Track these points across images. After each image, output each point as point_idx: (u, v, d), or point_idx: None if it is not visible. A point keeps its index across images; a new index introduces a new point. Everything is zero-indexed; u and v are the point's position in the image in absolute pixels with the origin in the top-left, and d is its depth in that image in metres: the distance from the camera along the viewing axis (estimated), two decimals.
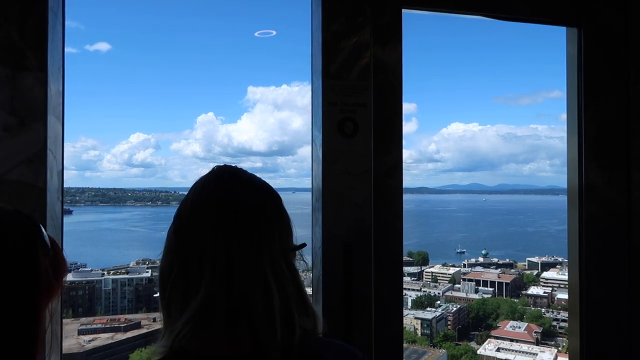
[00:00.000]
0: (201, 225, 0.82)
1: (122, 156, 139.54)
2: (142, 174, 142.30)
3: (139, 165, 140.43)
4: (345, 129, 1.49)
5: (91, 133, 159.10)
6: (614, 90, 1.81)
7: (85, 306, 31.97)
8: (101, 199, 50.94)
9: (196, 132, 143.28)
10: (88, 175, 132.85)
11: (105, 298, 32.58)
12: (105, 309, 32.06)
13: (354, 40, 1.53)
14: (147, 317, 30.35)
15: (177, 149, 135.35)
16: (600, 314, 1.75)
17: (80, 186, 52.31)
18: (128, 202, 54.63)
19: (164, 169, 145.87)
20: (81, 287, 31.87)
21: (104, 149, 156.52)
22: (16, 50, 1.25)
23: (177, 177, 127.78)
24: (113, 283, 32.70)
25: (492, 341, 30.10)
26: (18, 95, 1.25)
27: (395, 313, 1.56)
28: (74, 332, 27.35)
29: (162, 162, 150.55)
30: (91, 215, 50.22)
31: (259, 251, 0.80)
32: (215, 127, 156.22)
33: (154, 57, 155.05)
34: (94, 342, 27.46)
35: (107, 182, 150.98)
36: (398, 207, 1.58)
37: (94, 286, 32.55)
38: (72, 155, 67.08)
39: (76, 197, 42.78)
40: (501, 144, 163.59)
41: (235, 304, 0.77)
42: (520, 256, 39.72)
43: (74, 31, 46.24)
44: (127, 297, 32.75)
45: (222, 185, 0.86)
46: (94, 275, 33.33)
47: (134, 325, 28.95)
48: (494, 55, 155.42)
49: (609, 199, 1.78)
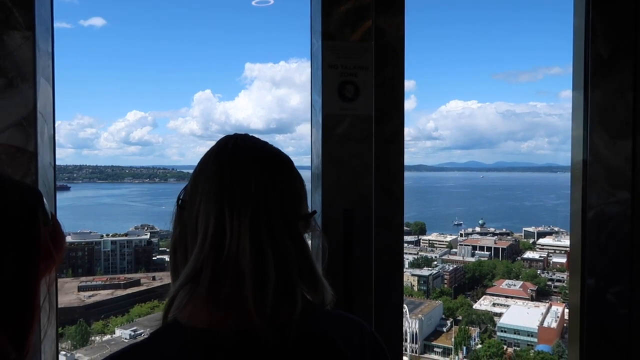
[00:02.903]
0: (198, 195, 0.80)
1: (119, 134, 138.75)
2: (140, 152, 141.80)
3: (137, 143, 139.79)
4: (346, 93, 1.44)
5: (87, 110, 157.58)
6: (622, 55, 1.76)
7: (84, 267, 32.16)
8: (99, 176, 50.98)
9: (193, 110, 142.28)
10: (85, 154, 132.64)
11: (105, 259, 32.72)
12: (105, 270, 32.27)
13: (354, 0, 1.47)
14: (146, 276, 30.65)
15: (174, 127, 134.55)
16: (601, 273, 1.74)
17: (77, 164, 52.14)
18: (126, 178, 54.75)
19: (161, 147, 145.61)
20: (80, 248, 31.99)
21: (101, 127, 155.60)
22: (1, 7, 1.20)
23: (175, 155, 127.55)
24: (112, 245, 32.79)
25: (488, 297, 30.57)
26: (4, 55, 1.20)
27: (395, 282, 1.54)
28: (74, 289, 27.66)
29: (160, 140, 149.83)
30: (89, 192, 50.40)
31: (255, 218, 0.77)
32: (213, 104, 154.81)
33: (149, 33, 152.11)
34: (94, 297, 27.86)
35: (104, 160, 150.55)
36: (399, 174, 1.55)
37: (93, 247, 32.65)
38: (68, 133, 66.21)
39: (74, 174, 42.69)
40: (500, 122, 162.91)
41: (223, 268, 0.74)
42: (517, 228, 40.04)
43: (67, 5, 45.09)
44: (126, 259, 32.91)
45: (223, 154, 0.83)
46: (93, 237, 33.42)
47: (133, 282, 29.27)
48: (494, 30, 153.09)
49: (614, 167, 1.75)
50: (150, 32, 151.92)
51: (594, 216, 1.74)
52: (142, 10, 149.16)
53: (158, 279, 31.13)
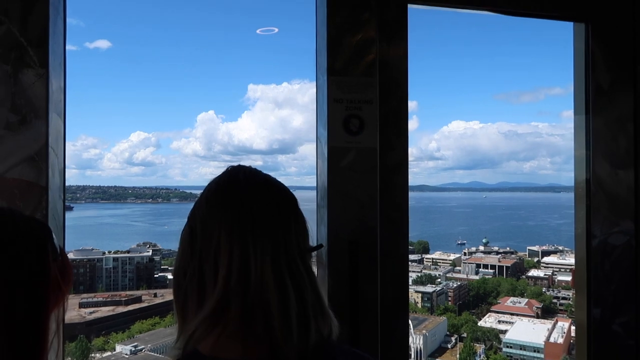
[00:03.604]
0: (216, 226, 0.80)
1: (122, 155, 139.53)
2: (143, 173, 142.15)
3: (140, 163, 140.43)
4: (351, 126, 1.47)
5: (92, 131, 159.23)
6: (621, 86, 1.79)
7: (86, 284, 31.89)
8: (102, 196, 51.07)
9: (196, 131, 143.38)
10: (89, 174, 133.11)
11: (106, 276, 32.45)
12: (106, 287, 32.00)
13: (359, 36, 1.51)
14: (148, 293, 30.42)
15: (177, 148, 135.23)
16: (606, 303, 1.73)
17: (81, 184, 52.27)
18: (129, 199, 54.77)
19: (164, 168, 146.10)
20: (82, 264, 31.77)
21: (105, 148, 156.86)
22: (18, 46, 1.23)
23: (178, 176, 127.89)
24: (114, 261, 32.54)
25: (493, 315, 30.15)
26: (19, 92, 1.23)
27: (401, 314, 1.54)
28: (75, 306, 27.48)
29: (163, 160, 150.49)
30: (92, 211, 50.32)
31: (276, 251, 0.79)
32: (216, 125, 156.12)
33: (154, 55, 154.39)
34: (95, 314, 27.64)
35: (107, 180, 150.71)
36: (404, 205, 1.56)
37: (95, 264, 32.42)
38: (72, 154, 66.77)
39: (77, 195, 42.86)
40: (502, 142, 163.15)
41: (251, 303, 0.75)
42: (521, 247, 39.67)
43: (74, 28, 45.89)
44: (127, 276, 32.63)
45: (237, 185, 0.84)
46: (95, 254, 33.22)
47: (135, 299, 29.05)
48: (495, 50, 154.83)
49: (616, 195, 1.76)
50: (154, 54, 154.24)
51: (598, 245, 1.75)
52: (147, 32, 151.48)
53: (159, 295, 30.87)
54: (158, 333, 24.80)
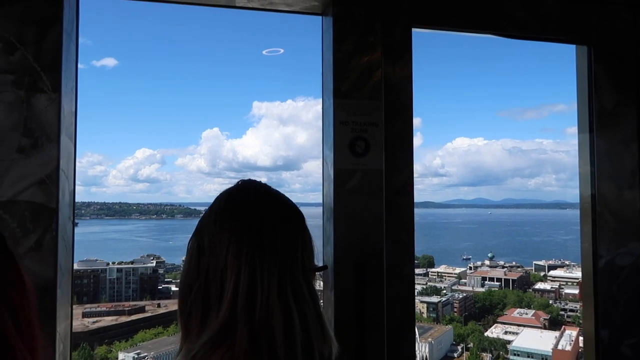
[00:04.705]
0: (224, 245, 0.79)
1: (127, 171, 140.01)
2: (148, 189, 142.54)
3: (144, 180, 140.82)
4: (357, 148, 1.48)
5: (97, 148, 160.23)
6: (625, 107, 1.80)
7: (90, 294, 31.74)
8: (107, 212, 51.15)
9: (201, 147, 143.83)
10: (94, 191, 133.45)
11: (110, 287, 32.30)
12: (110, 297, 31.85)
13: (364, 60, 1.53)
14: (151, 304, 30.29)
15: (182, 164, 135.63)
16: (615, 324, 1.72)
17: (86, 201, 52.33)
18: (133, 215, 54.80)
19: (169, 185, 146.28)
20: (86, 275, 31.66)
21: (110, 165, 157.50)
22: (31, 72, 1.26)
23: (182, 193, 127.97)
24: (118, 272, 32.39)
25: (499, 326, 29.67)
26: (32, 117, 1.26)
27: (407, 335, 1.54)
28: (78, 315, 27.34)
29: (167, 177, 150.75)
30: (97, 227, 50.38)
31: (282, 274, 0.79)
32: (221, 142, 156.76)
33: (160, 73, 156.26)
34: (98, 323, 27.52)
35: (112, 197, 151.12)
36: (409, 226, 1.57)
37: (99, 275, 32.30)
38: (78, 171, 67.78)
39: (82, 211, 42.96)
40: (506, 158, 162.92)
41: (257, 329, 0.75)
42: (527, 262, 39.29)
43: (81, 47, 46.97)
44: (131, 287, 32.47)
45: (247, 204, 0.84)
46: (99, 264, 33.12)
47: (138, 309, 28.90)
48: (498, 67, 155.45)
49: (622, 215, 1.76)
50: (160, 72, 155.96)
51: (605, 265, 1.74)
52: (154, 50, 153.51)
53: (163, 306, 30.73)
54: (161, 341, 24.62)
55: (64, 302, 1.29)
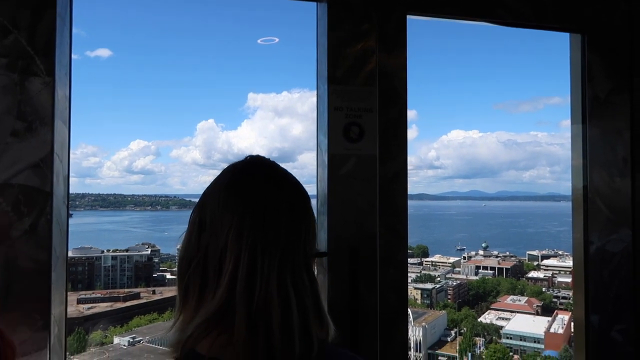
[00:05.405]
0: (226, 223, 0.78)
1: (122, 163, 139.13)
2: (142, 181, 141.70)
3: (139, 172, 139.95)
4: (351, 134, 1.49)
5: (91, 140, 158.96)
6: (618, 96, 1.81)
7: (84, 282, 31.64)
8: (101, 204, 50.95)
9: (196, 139, 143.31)
10: (88, 182, 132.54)
11: (105, 275, 32.24)
12: (105, 285, 31.81)
13: (359, 46, 1.54)
14: (146, 290, 30.32)
15: (177, 156, 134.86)
16: (605, 310, 1.75)
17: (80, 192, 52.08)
18: (128, 206, 54.58)
19: (164, 176, 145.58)
20: (80, 263, 31.59)
21: (104, 156, 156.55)
22: (25, 55, 1.26)
23: (177, 184, 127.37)
24: (113, 260, 32.31)
25: (493, 312, 29.97)
26: (26, 100, 1.25)
27: (400, 319, 1.56)
28: (73, 302, 27.40)
29: (162, 169, 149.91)
30: (91, 218, 50.27)
31: (283, 261, 0.77)
32: (216, 133, 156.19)
33: (154, 63, 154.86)
34: (93, 309, 27.57)
35: (107, 188, 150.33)
36: (403, 212, 1.58)
37: (94, 262, 32.24)
38: (72, 162, 67.09)
39: (76, 202, 42.79)
40: (501, 151, 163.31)
41: (255, 315, 0.74)
42: (521, 252, 39.57)
43: (75, 37, 46.35)
44: (126, 274, 32.41)
45: (252, 182, 0.82)
46: (94, 252, 33.03)
47: (133, 295, 28.90)
48: (494, 60, 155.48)
49: (613, 202, 1.78)
50: (154, 63, 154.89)
51: (596, 251, 1.76)
52: (148, 41, 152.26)
53: (158, 293, 30.76)
54: (157, 326, 24.68)
55: (58, 285, 1.29)
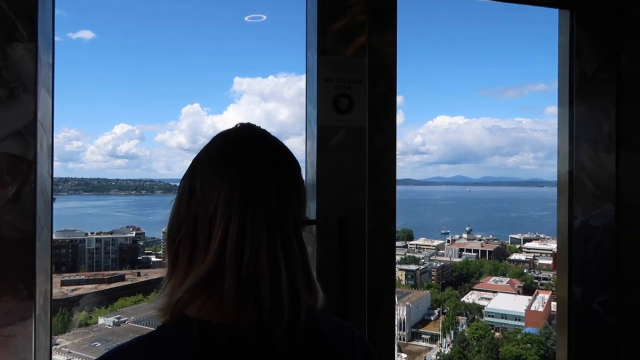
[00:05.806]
0: (216, 189, 0.78)
1: (105, 147, 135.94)
2: (127, 165, 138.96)
3: (123, 156, 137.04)
4: (341, 105, 1.48)
5: (74, 124, 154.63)
6: (605, 72, 1.83)
7: (68, 264, 31.39)
8: (85, 188, 50.28)
9: (181, 123, 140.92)
10: (71, 167, 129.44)
11: (89, 257, 32.02)
12: (89, 267, 31.61)
13: (349, 18, 1.52)
14: (131, 272, 30.27)
15: (162, 140, 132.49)
16: (588, 283, 1.79)
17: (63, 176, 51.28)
18: (112, 190, 53.94)
19: (148, 161, 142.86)
20: (64, 245, 31.33)
21: (87, 140, 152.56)
22: (6, 20, 1.22)
23: (162, 169, 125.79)
24: (97, 242, 32.07)
25: (475, 293, 30.71)
26: (8, 67, 1.22)
27: (388, 291, 1.57)
28: (57, 284, 27.29)
29: (147, 153, 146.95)
30: (75, 203, 49.63)
31: (272, 228, 0.77)
32: (201, 118, 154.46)
33: (138, 46, 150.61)
34: (77, 291, 27.48)
35: (90, 173, 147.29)
36: (391, 185, 1.59)
37: (78, 245, 31.98)
38: (55, 146, 64.77)
39: (59, 186, 42.20)
40: (486, 137, 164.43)
41: (244, 280, 0.74)
42: (504, 236, 40.31)
43: (57, 18, 44.26)
44: (110, 257, 32.22)
45: (243, 149, 0.82)
46: (78, 234, 32.74)
47: (117, 277, 28.83)
48: (480, 46, 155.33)
49: (598, 178, 1.81)
50: (139, 45, 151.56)
51: (580, 226, 1.79)
52: (131, 23, 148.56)
53: (143, 274, 30.72)
54: (142, 307, 24.70)
55: (42, 255, 1.27)
